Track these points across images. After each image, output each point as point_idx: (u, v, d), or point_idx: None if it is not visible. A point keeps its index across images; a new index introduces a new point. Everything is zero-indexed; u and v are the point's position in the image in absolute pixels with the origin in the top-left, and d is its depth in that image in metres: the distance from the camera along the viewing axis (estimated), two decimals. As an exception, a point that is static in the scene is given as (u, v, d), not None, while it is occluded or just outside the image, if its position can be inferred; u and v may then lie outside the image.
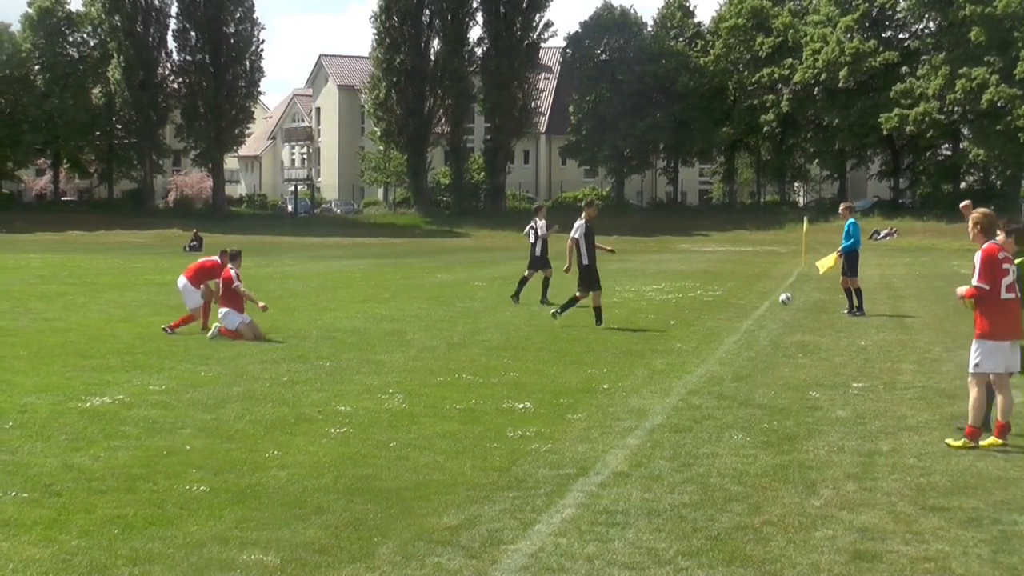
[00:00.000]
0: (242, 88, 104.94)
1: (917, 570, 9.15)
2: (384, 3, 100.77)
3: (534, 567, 9.04)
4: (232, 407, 15.78)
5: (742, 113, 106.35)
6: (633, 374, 19.42)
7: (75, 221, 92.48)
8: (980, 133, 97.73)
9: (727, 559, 9.30)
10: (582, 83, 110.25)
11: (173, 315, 24.19)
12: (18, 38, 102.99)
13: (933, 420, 15.68)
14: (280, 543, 9.44)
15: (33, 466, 12.05)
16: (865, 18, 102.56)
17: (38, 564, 8.74)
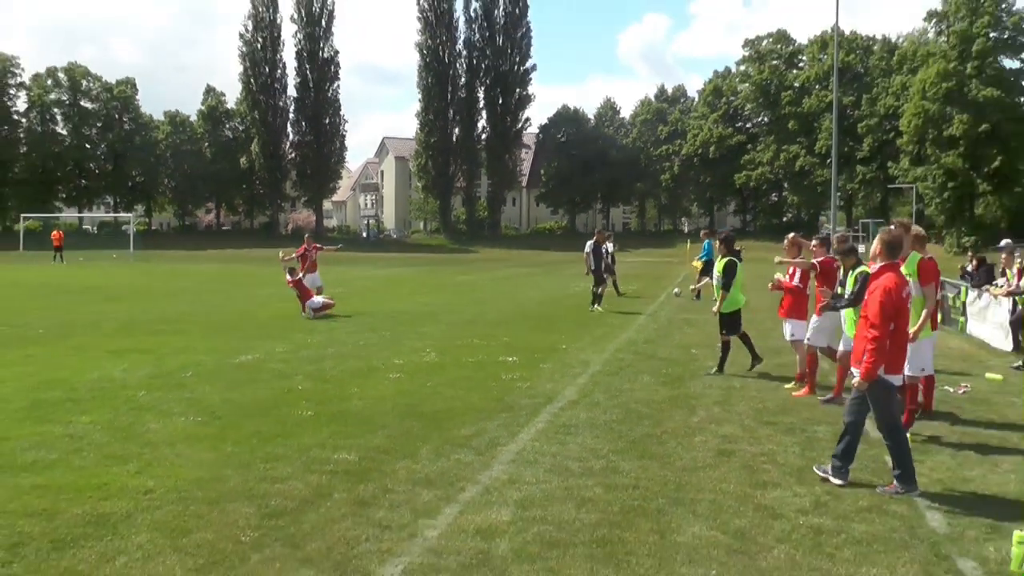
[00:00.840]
0: (334, 158, 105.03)
1: (756, 460, 9.24)
2: (424, 106, 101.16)
3: (518, 459, 9.16)
4: (328, 362, 15.76)
5: (649, 174, 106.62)
6: (581, 339, 19.40)
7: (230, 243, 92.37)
8: (794, 186, 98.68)
9: (640, 455, 9.41)
10: (549, 155, 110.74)
11: (293, 303, 24.08)
12: (195, 125, 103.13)
13: (766, 367, 15.73)
14: (358, 447, 9.52)
15: (204, 400, 12.08)
16: (725, 114, 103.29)
17: (208, 463, 8.84)
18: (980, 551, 6.85)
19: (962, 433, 10.92)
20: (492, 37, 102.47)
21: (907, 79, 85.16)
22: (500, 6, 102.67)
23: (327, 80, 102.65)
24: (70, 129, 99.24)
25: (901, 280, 8.53)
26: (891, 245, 8.74)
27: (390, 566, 6.28)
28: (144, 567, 6.20)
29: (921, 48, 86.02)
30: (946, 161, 79.18)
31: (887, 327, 8.26)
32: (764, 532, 7.16)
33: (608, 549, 6.67)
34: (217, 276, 45.29)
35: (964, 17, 79.99)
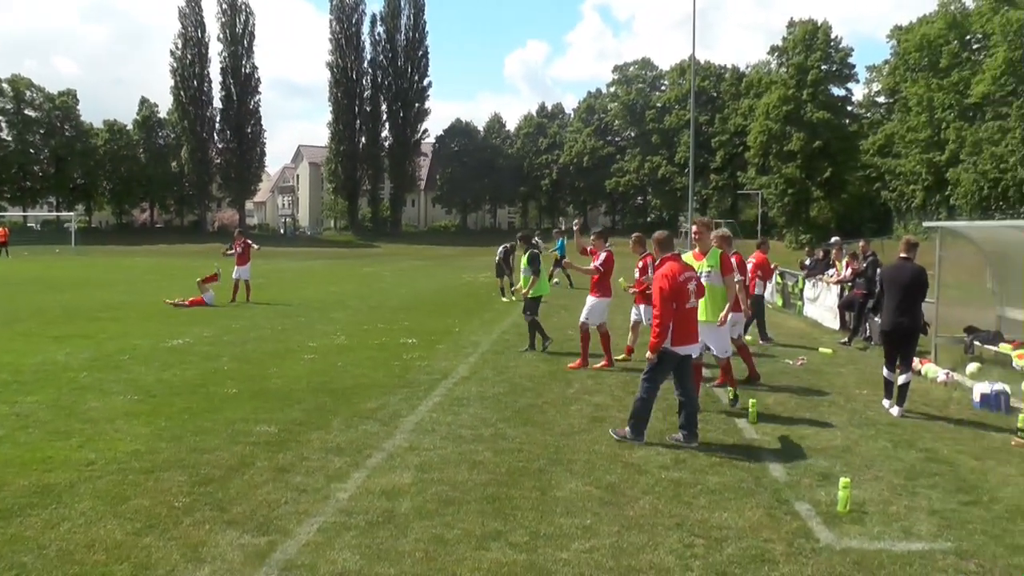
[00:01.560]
0: (255, 163, 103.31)
1: (624, 425, 9.37)
2: (334, 117, 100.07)
3: (418, 428, 9.16)
4: (250, 345, 15.50)
5: (532, 180, 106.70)
6: (472, 323, 19.44)
7: (162, 239, 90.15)
8: (657, 192, 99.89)
9: (524, 422, 9.48)
10: (443, 162, 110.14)
11: (221, 293, 23.54)
12: (131, 133, 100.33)
13: (636, 344, 15.94)
14: (278, 420, 9.41)
15: (140, 380, 11.79)
16: (597, 129, 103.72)
17: (144, 437, 8.65)
18: (813, 496, 7.12)
19: (799, 398, 11.31)
20: (394, 58, 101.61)
21: (753, 102, 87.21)
22: (401, 31, 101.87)
23: (248, 93, 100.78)
24: (14, 135, 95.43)
25: (679, 268, 8.83)
26: (661, 243, 9.25)
27: (307, 525, 6.24)
28: (87, 532, 6.06)
29: (765, 77, 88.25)
30: (786, 171, 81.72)
31: (669, 308, 8.56)
32: (631, 486, 7.30)
33: (496, 505, 6.72)
34: (151, 269, 44.15)
35: (800, 51, 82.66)
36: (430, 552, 5.78)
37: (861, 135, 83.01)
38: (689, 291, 8.85)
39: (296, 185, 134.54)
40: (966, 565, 5.79)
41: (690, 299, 8.87)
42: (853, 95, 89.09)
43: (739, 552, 5.88)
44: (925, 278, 10.69)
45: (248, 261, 24.08)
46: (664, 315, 8.56)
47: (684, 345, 8.83)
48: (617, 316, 16.85)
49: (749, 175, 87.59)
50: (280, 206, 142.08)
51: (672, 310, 8.62)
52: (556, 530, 6.23)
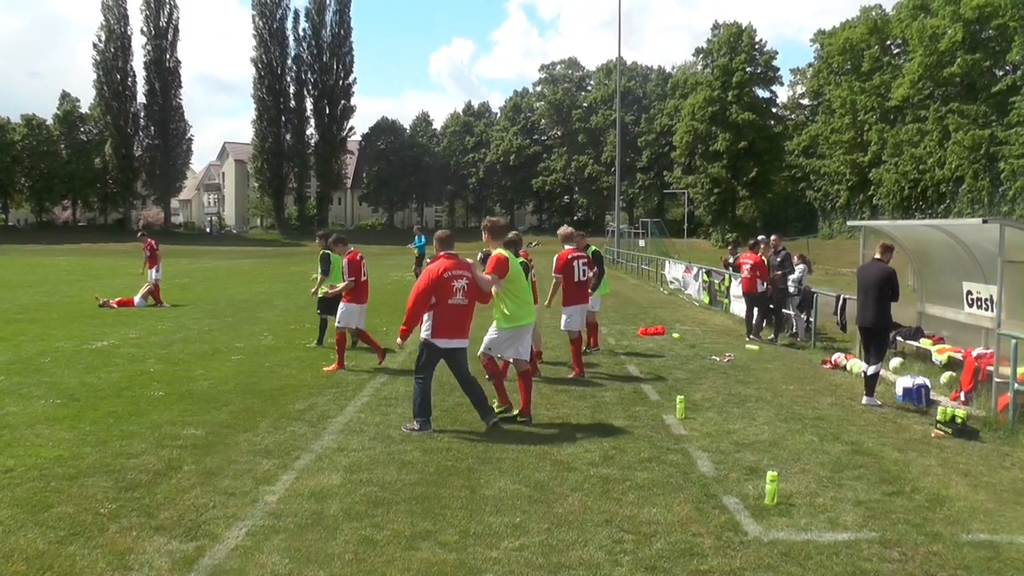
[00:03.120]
0: (180, 160, 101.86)
1: (553, 422, 9.43)
2: (259, 114, 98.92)
3: (346, 429, 9.17)
4: (176, 346, 15.30)
5: (458, 178, 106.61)
6: (399, 321, 19.32)
7: (86, 238, 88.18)
8: (584, 190, 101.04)
9: (452, 422, 9.60)
10: (369, 160, 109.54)
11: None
12: (51, 128, 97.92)
13: (560, 343, 15.95)
14: (205, 423, 9.32)
15: (62, 383, 11.58)
16: (523, 128, 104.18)
17: (67, 442, 8.49)
18: (741, 489, 7.28)
19: (726, 394, 11.50)
20: (319, 54, 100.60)
21: (679, 103, 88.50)
22: (327, 27, 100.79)
23: (172, 88, 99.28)
24: None
25: (449, 266, 9.18)
26: (441, 240, 9.61)
27: (235, 529, 6.19)
28: (5, 541, 5.91)
29: (691, 78, 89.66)
30: (712, 171, 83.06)
31: (423, 301, 9.04)
32: (560, 483, 7.37)
33: (426, 504, 6.74)
34: (74, 268, 43.17)
35: (725, 54, 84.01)
36: (360, 554, 5.78)
37: (786, 136, 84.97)
38: (454, 288, 9.10)
39: (222, 183, 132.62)
40: (889, 554, 5.97)
41: (455, 296, 9.11)
42: (777, 97, 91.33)
43: (668, 546, 5.98)
44: (893, 278, 11.07)
45: (157, 262, 23.57)
46: (415, 307, 9.05)
47: (447, 339, 9.18)
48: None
49: (675, 174, 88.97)
50: (206, 204, 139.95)
51: (427, 304, 9.07)
52: (486, 529, 6.26)
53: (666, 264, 35.09)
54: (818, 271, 22.93)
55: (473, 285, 9.34)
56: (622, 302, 25.92)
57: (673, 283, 31.77)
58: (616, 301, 26.12)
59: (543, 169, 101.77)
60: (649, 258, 43.27)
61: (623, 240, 60.37)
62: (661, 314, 22.27)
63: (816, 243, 59.01)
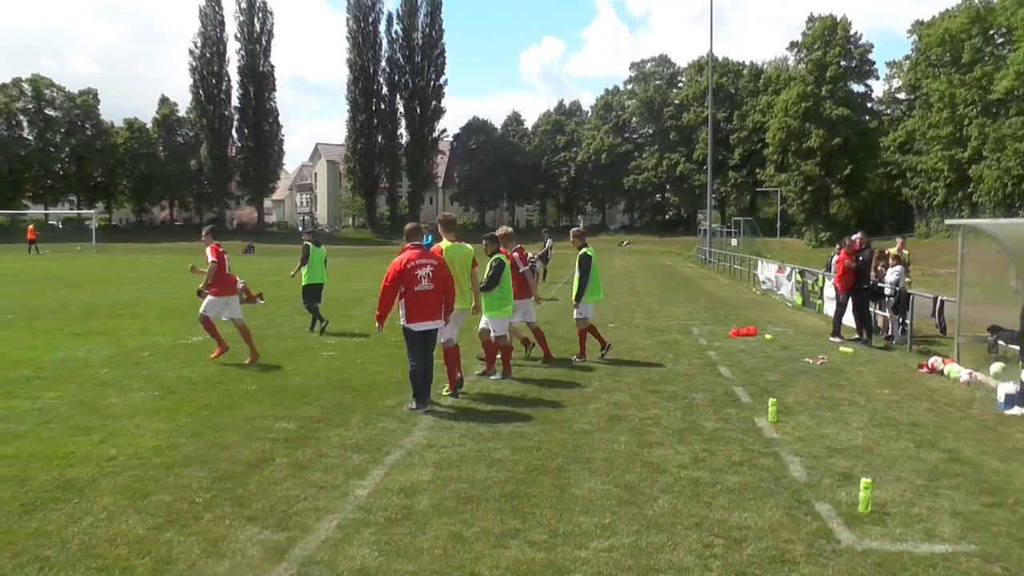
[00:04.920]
0: (273, 161, 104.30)
1: (643, 424, 9.39)
2: (352, 116, 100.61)
3: (436, 426, 9.22)
4: (268, 342, 15.55)
5: (549, 177, 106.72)
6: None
7: (182, 237, 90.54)
8: (675, 189, 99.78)
9: (542, 421, 9.53)
10: (461, 160, 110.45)
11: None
12: (151, 131, 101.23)
13: (652, 343, 15.92)
14: (296, 417, 9.48)
15: (160, 376, 11.90)
16: (614, 126, 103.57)
17: (164, 432, 8.74)
18: (834, 496, 7.06)
19: (819, 397, 11.20)
20: (411, 56, 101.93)
21: (772, 99, 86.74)
22: (419, 29, 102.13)
23: (266, 91, 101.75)
24: (35, 134, 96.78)
25: (414, 256, 10.01)
26: (408, 233, 10.37)
27: (326, 521, 6.27)
28: (108, 526, 6.11)
29: (783, 73, 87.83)
30: (805, 168, 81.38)
31: (392, 289, 9.89)
32: (650, 484, 7.27)
33: (515, 503, 6.72)
34: (170, 266, 44.31)
35: (819, 47, 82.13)
36: (448, 549, 5.79)
37: (881, 132, 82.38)
38: (418, 276, 9.92)
39: (314, 183, 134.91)
40: (991, 568, 5.72)
41: (420, 284, 9.92)
42: (873, 91, 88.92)
43: (759, 552, 5.85)
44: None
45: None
46: (382, 297, 9.89)
47: (418, 322, 10.01)
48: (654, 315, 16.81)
49: (768, 172, 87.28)
50: (298, 204, 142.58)
51: (395, 291, 9.92)
52: (575, 529, 6.21)
53: (758, 264, 34.55)
54: (914, 271, 22.26)
55: (438, 271, 10.12)
56: (714, 302, 25.60)
57: (765, 283, 31.29)
58: (708, 301, 25.86)
59: (634, 168, 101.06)
60: (741, 257, 42.61)
61: (715, 239, 59.59)
62: (753, 315, 21.92)
63: (912, 242, 56.96)
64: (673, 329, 18.56)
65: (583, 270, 14.07)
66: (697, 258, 58.18)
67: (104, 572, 5.38)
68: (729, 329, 18.49)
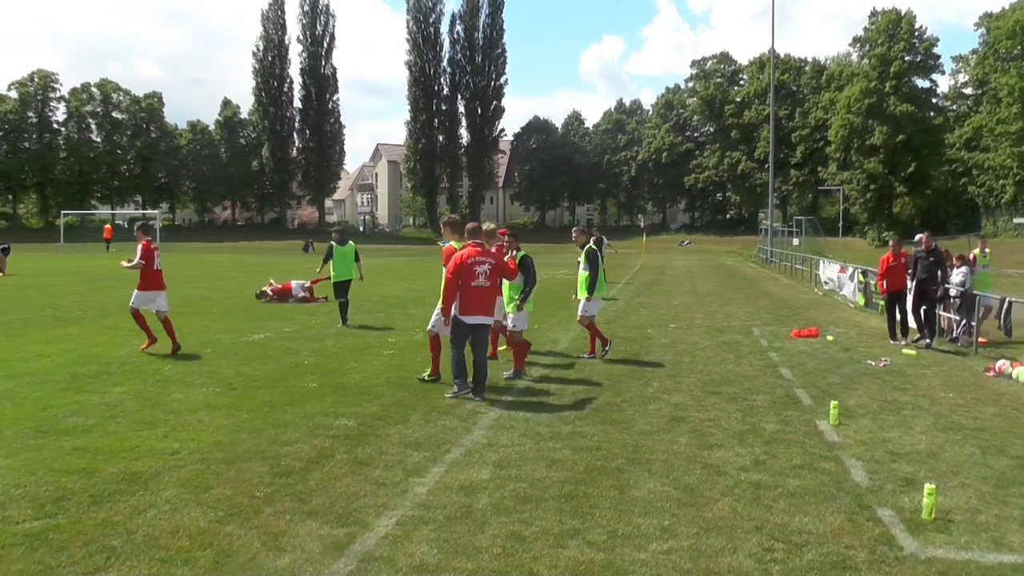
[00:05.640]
0: (334, 162, 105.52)
1: (703, 425, 9.30)
2: (412, 116, 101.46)
3: (496, 425, 9.21)
4: (329, 340, 15.74)
5: (610, 176, 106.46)
6: (549, 319, 19.43)
7: (243, 237, 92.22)
8: (736, 188, 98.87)
9: (602, 421, 9.46)
10: (521, 159, 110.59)
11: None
12: (213, 133, 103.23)
13: (712, 344, 15.79)
14: (357, 414, 9.55)
15: (221, 373, 12.08)
16: (675, 125, 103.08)
17: (226, 428, 8.87)
18: (897, 502, 6.91)
19: (882, 401, 11.00)
20: (472, 56, 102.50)
21: (834, 95, 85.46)
22: (479, 29, 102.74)
23: (327, 93, 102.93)
24: (103, 137, 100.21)
25: (473, 253, 10.62)
26: (470, 231, 11.07)
27: (385, 518, 6.29)
28: (171, 518, 6.21)
29: (846, 69, 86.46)
30: (868, 166, 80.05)
31: (453, 284, 10.51)
32: (710, 487, 7.20)
33: (574, 503, 6.69)
34: (232, 265, 45.05)
35: (883, 42, 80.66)
36: (508, 548, 5.77)
37: (947, 128, 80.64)
38: (476, 272, 10.57)
39: (375, 183, 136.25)
40: (1063, 580, 5.56)
41: (477, 279, 10.59)
42: (938, 87, 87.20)
43: (819, 558, 5.74)
44: None
45: None
46: (446, 291, 10.61)
47: (470, 315, 10.65)
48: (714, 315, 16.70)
49: (830, 170, 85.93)
50: (359, 203, 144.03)
51: (456, 286, 10.53)
52: (634, 530, 6.17)
53: (820, 264, 34.16)
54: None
55: (495, 269, 10.82)
56: (775, 303, 25.33)
57: (827, 284, 30.91)
58: (769, 302, 25.61)
59: (695, 166, 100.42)
60: (803, 257, 42.09)
61: (776, 239, 58.83)
62: (815, 316, 21.65)
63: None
64: (734, 330, 18.41)
65: (592, 265, 14.10)
66: (758, 258, 57.65)
67: (167, 563, 5.46)
68: (790, 330, 18.28)
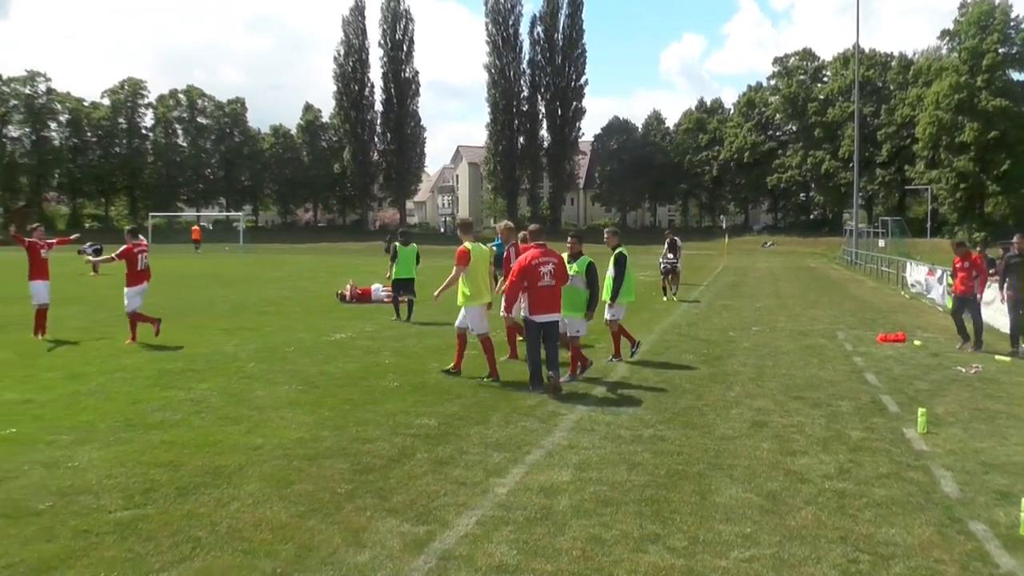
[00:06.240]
0: (415, 164, 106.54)
1: (786, 431, 9.15)
2: (492, 118, 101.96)
3: (577, 427, 9.18)
4: (410, 340, 15.86)
5: (691, 176, 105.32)
6: (631, 321, 19.14)
7: (325, 238, 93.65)
8: (820, 187, 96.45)
9: (683, 425, 9.36)
10: (602, 160, 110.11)
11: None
12: (295, 137, 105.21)
13: (795, 348, 15.54)
14: (437, 414, 9.61)
15: (304, 371, 12.27)
16: (758, 124, 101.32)
17: (308, 425, 9.02)
18: (990, 515, 6.66)
19: (973, 409, 10.66)
20: (552, 57, 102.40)
21: (922, 91, 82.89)
22: (559, 30, 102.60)
23: (408, 96, 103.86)
24: (189, 141, 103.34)
25: (538, 254, 11.09)
26: (532, 233, 12.06)
27: (465, 517, 6.32)
28: (254, 512, 6.34)
29: (934, 63, 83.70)
30: (958, 165, 77.38)
31: (518, 283, 11.02)
32: (793, 495, 7.06)
33: (655, 507, 6.64)
34: (314, 266, 45.70)
35: (975, 34, 77.72)
36: (587, 551, 5.74)
37: (1045, 123, 77.65)
38: (541, 273, 10.96)
39: (456, 185, 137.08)
40: None
41: (543, 279, 10.97)
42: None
43: (907, 571, 5.58)
44: None
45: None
46: (509, 291, 11.28)
47: (540, 315, 11.05)
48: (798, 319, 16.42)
49: (918, 169, 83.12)
50: (440, 205, 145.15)
51: (520, 286, 10.99)
52: (715, 537, 6.08)
53: (907, 266, 33.41)
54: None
55: (559, 269, 11.20)
56: (860, 306, 24.82)
57: (915, 286, 30.22)
58: (854, 305, 25.13)
59: (778, 166, 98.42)
60: (889, 259, 41.11)
61: (861, 240, 57.53)
62: (902, 320, 21.16)
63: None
64: (817, 333, 18.08)
65: (619, 269, 14.01)
66: (843, 259, 56.47)
67: (250, 555, 5.58)
68: (876, 334, 17.91)
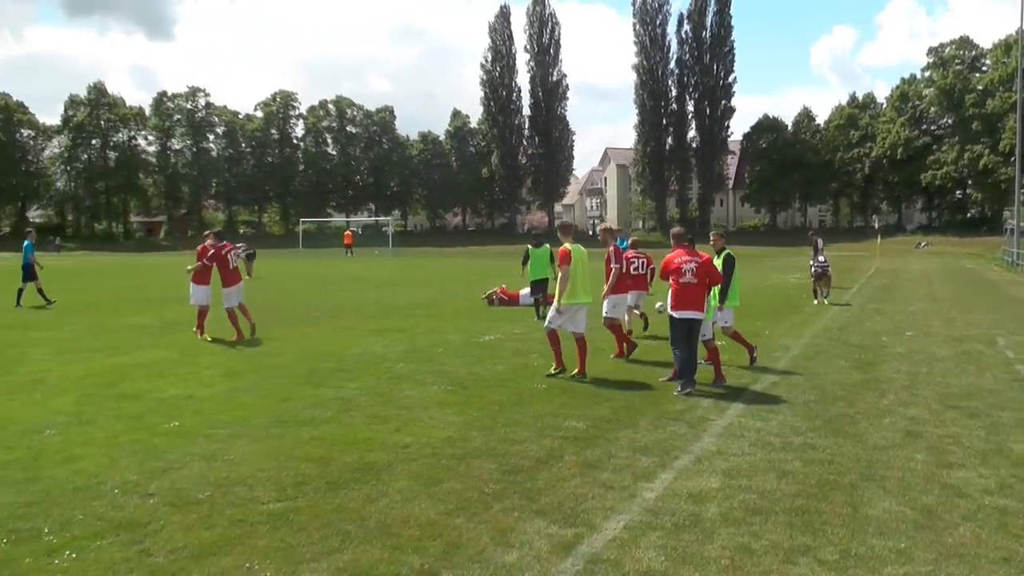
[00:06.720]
0: (563, 167, 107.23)
1: (942, 442, 8.78)
2: (640, 119, 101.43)
3: (726, 433, 9.04)
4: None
5: (842, 175, 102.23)
6: (781, 326, 18.88)
7: (474, 241, 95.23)
8: (978, 184, 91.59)
9: (834, 433, 9.10)
10: (751, 160, 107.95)
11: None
12: (443, 143, 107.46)
13: (951, 354, 14.90)
14: (586, 416, 9.62)
15: (452, 372, 12.48)
16: (911, 118, 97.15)
17: (456, 425, 9.17)
18: None
19: None
20: (700, 56, 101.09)
21: (1093, 78, 78.44)
22: (707, 28, 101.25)
23: (556, 100, 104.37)
24: (338, 150, 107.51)
25: (681, 253, 11.75)
26: (676, 236, 12.35)
27: (613, 521, 6.29)
28: (403, 508, 6.49)
29: (1116, 46, 79.11)
30: None
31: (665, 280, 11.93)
32: (950, 510, 6.74)
33: (805, 518, 6.46)
34: (463, 269, 46.40)
35: None
36: (736, 561, 5.64)
37: None
38: (683, 271, 11.52)
39: (604, 187, 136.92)
40: None
41: (684, 277, 11.51)
42: None
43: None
44: None
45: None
46: (673, 282, 11.64)
47: (682, 311, 11.47)
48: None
49: (1088, 164, 78.73)
50: (588, 208, 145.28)
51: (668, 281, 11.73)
52: (868, 551, 5.87)
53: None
54: None
55: (702, 268, 11.61)
56: (1022, 310, 23.59)
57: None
58: (1015, 309, 23.90)
59: (932, 162, 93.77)
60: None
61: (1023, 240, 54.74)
62: (1071, 326, 20.04)
63: None
64: (975, 339, 17.24)
65: (728, 272, 13.60)
66: (1002, 260, 53.66)
67: (398, 550, 5.71)
68: (1044, 341, 17.02)
